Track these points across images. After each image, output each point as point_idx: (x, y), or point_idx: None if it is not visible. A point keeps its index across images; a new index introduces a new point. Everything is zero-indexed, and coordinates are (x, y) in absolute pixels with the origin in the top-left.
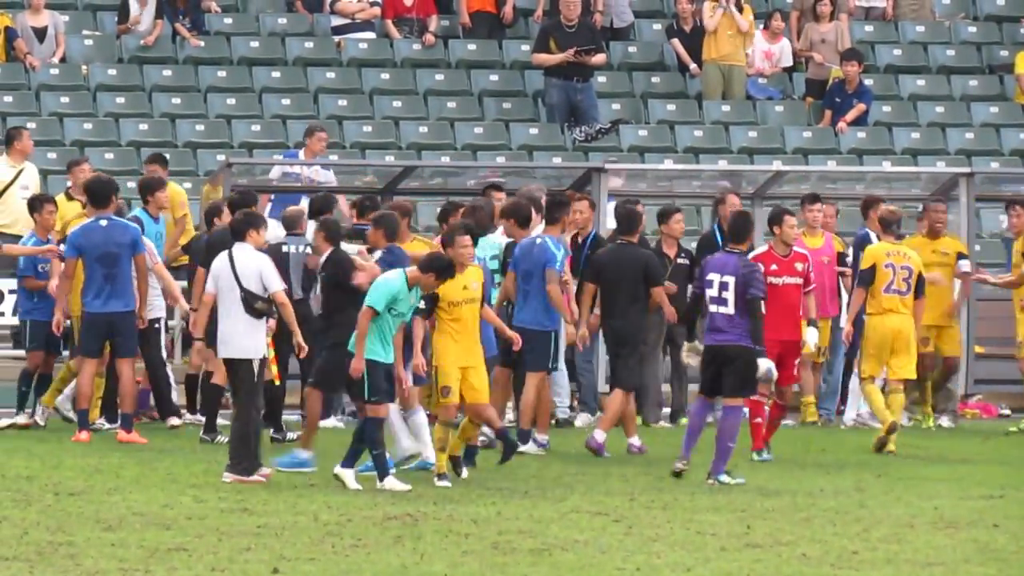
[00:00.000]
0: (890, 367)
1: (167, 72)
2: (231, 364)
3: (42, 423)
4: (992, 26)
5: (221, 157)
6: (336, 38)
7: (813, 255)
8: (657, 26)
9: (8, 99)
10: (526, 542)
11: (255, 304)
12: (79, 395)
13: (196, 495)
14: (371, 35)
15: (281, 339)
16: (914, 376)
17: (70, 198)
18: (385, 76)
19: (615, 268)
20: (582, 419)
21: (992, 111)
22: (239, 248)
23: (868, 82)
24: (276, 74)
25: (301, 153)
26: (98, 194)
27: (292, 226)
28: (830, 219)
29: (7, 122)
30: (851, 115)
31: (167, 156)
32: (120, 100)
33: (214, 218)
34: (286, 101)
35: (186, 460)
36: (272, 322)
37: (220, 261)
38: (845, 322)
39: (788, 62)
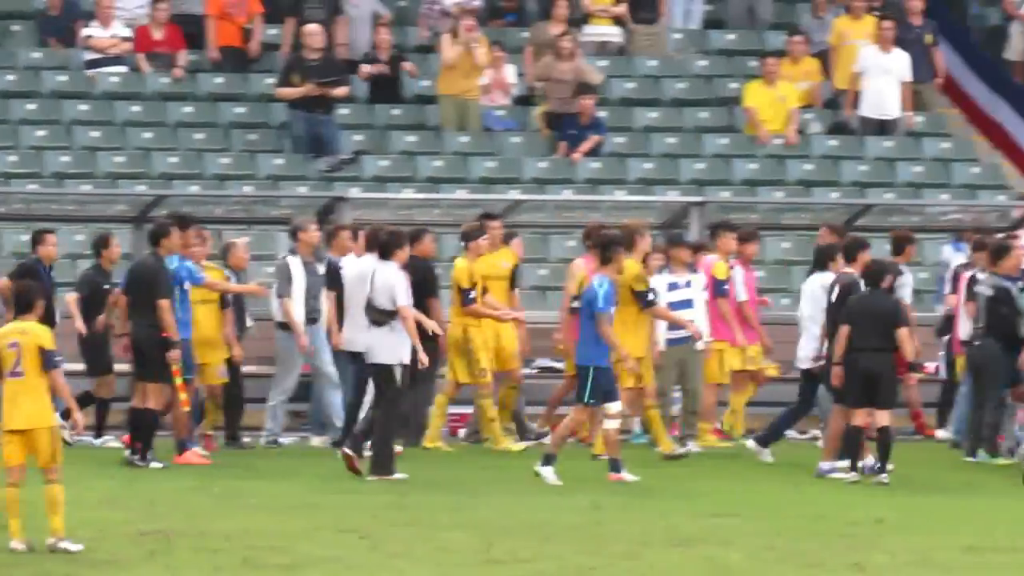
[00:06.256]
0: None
1: None
2: (375, 368)
3: None
4: (722, 60)
5: None
6: (89, 72)
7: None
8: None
9: None
10: (276, 558)
11: (376, 316)
12: None
13: None
14: (123, 69)
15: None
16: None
17: None
18: (136, 108)
19: None
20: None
21: (722, 142)
22: (382, 266)
23: (602, 114)
24: (31, 106)
25: None
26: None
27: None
28: None
29: None
30: (585, 146)
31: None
32: None
33: (101, 249)
34: (41, 132)
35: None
36: (176, 353)
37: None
38: None
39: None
